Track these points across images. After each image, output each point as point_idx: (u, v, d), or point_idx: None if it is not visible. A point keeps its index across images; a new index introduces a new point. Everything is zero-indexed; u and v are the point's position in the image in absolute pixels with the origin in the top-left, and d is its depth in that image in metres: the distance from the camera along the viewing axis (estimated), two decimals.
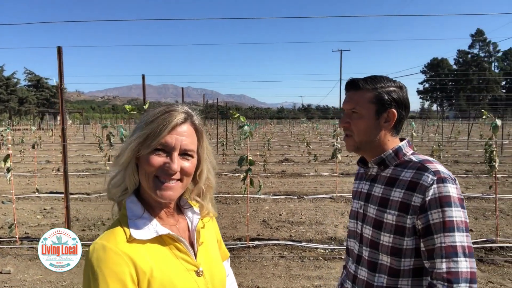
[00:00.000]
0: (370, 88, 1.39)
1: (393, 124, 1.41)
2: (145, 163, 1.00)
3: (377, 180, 1.42)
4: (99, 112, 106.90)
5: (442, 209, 1.24)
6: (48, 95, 67.00)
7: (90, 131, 39.82)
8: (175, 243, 1.05)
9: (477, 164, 13.77)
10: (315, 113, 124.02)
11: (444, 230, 1.23)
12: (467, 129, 27.40)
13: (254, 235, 5.94)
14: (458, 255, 1.21)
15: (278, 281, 4.42)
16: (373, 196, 1.40)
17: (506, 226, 6.37)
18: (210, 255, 1.16)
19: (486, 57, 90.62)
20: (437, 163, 1.34)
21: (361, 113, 1.39)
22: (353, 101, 1.41)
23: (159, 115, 1.02)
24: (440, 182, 1.27)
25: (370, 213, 1.40)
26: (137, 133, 1.01)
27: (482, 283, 4.33)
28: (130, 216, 1.01)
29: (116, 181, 1.05)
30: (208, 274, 1.09)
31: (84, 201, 8.40)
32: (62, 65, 5.10)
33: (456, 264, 1.20)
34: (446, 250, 1.22)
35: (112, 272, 0.91)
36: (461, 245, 1.22)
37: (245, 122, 5.01)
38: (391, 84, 1.41)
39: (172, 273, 1.00)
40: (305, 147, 17.97)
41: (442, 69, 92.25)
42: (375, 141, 1.41)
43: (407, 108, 1.43)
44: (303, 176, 11.52)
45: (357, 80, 1.42)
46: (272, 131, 31.35)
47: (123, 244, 0.96)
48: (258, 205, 7.88)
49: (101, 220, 6.86)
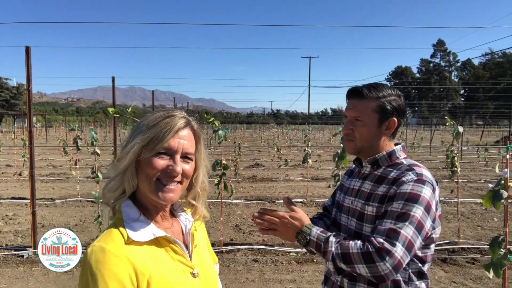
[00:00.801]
0: (373, 98, 1.47)
1: (393, 131, 1.51)
2: (148, 166, 1.02)
3: (368, 178, 1.52)
4: (63, 114, 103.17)
5: (406, 202, 1.33)
6: (8, 96, 64.02)
7: (53, 134, 38.41)
8: (171, 245, 1.07)
9: (439, 169, 14.39)
10: (284, 118, 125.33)
11: (398, 218, 1.31)
12: (429, 136, 28.58)
13: (227, 240, 5.95)
14: (398, 240, 1.27)
15: (252, 286, 4.45)
16: (362, 192, 1.50)
17: (466, 228, 6.71)
18: (203, 257, 1.19)
19: (446, 66, 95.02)
20: (424, 169, 1.44)
21: (365, 121, 1.47)
22: (357, 109, 1.48)
23: (161, 119, 1.04)
24: (418, 182, 1.36)
25: (358, 207, 1.49)
26: (140, 136, 1.03)
27: (445, 283, 4.54)
28: (126, 220, 1.03)
29: (112, 185, 1.05)
30: (202, 276, 1.12)
31: (49, 206, 8.10)
32: (30, 66, 4.95)
33: (392, 246, 1.26)
34: (389, 231, 1.29)
35: (112, 273, 0.92)
36: (405, 235, 1.28)
37: (220, 126, 5.03)
38: (391, 93, 1.50)
39: (170, 274, 1.02)
40: (275, 152, 18.14)
41: (405, 77, 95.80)
42: (375, 145, 1.51)
43: (404, 116, 1.54)
44: (274, 180, 11.63)
45: (361, 89, 1.49)
46: (242, 135, 31.42)
47: (122, 246, 0.97)
48: (230, 210, 7.88)
49: (68, 226, 6.64)
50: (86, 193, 9.38)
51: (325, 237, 1.36)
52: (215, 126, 5.07)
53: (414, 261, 1.40)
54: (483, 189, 10.55)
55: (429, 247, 1.44)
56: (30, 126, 5.00)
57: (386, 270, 1.25)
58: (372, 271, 1.26)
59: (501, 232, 1.96)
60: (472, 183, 11.45)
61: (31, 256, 5.22)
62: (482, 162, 16.72)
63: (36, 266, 4.88)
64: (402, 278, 1.39)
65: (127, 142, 1.05)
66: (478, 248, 5.62)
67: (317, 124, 67.25)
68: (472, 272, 4.86)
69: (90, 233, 6.17)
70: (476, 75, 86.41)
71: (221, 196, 5.63)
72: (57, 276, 4.60)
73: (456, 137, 5.58)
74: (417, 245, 1.31)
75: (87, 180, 11.23)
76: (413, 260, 1.40)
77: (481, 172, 14.23)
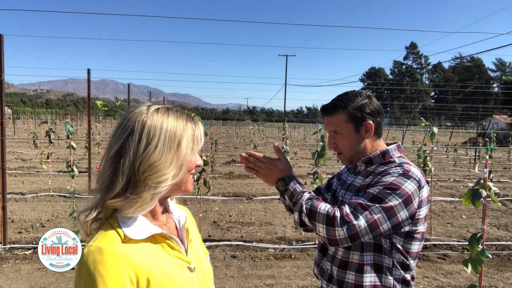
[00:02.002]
0: (343, 109, 1.55)
1: (373, 132, 1.57)
2: (193, 163, 1.10)
3: (360, 174, 1.59)
4: (31, 106, 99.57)
5: (384, 189, 1.39)
6: None
7: (21, 126, 37.02)
8: (167, 241, 1.06)
9: None
10: (260, 115, 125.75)
11: (370, 199, 1.38)
12: (401, 136, 29.36)
13: (205, 236, 5.93)
14: (362, 215, 1.35)
15: (231, 281, 4.46)
16: (353, 186, 1.58)
17: (437, 225, 6.95)
18: (198, 251, 1.20)
19: (418, 68, 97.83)
20: (415, 167, 1.49)
21: (343, 133, 1.56)
22: (332, 124, 1.58)
23: (188, 123, 1.08)
24: (402, 176, 1.42)
25: (346, 199, 1.56)
26: (184, 141, 1.05)
27: (418, 278, 4.70)
28: (120, 218, 1.01)
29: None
30: (199, 270, 1.12)
31: (19, 201, 7.81)
32: (2, 55, 4.75)
33: (355, 218, 1.34)
34: (359, 205, 1.37)
35: (110, 274, 0.91)
36: (371, 214, 1.35)
37: (200, 122, 4.99)
38: (359, 99, 1.56)
39: (168, 270, 1.02)
40: (252, 149, 18.17)
41: (379, 78, 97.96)
42: (361, 151, 1.58)
43: (380, 114, 1.60)
44: (251, 177, 11.64)
45: (330, 105, 1.58)
46: (218, 132, 31.30)
47: (119, 245, 0.96)
48: (207, 206, 7.85)
49: (39, 221, 6.44)
50: (58, 187, 9.11)
51: (301, 190, 1.48)
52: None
53: (396, 251, 1.45)
54: (452, 187, 10.95)
55: (411, 243, 1.47)
56: (2, 118, 4.80)
57: (342, 236, 1.34)
58: (329, 233, 1.36)
59: (470, 228, 2.03)
60: (442, 182, 11.86)
61: (0, 252, 5.03)
62: (451, 162, 17.34)
63: (7, 263, 4.71)
64: (386, 264, 1.45)
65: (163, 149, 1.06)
66: (449, 245, 5.85)
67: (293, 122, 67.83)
68: (443, 267, 5.05)
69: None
70: (445, 78, 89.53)
71: (200, 193, 5.59)
72: (29, 273, 4.45)
73: (431, 138, 5.76)
74: (383, 229, 1.37)
75: (59, 175, 10.91)
76: (395, 250, 1.45)
77: (450, 171, 14.76)
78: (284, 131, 10.10)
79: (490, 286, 4.53)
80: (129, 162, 0.98)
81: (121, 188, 0.98)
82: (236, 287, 4.35)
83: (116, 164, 0.99)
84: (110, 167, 1.00)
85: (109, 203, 0.99)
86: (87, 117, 8.65)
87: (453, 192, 10.21)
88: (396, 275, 1.46)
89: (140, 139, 0.99)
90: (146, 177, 0.98)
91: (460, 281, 4.64)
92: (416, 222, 1.45)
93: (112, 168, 0.99)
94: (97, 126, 22.04)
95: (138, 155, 0.98)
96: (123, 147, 0.99)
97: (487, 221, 4.13)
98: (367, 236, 1.36)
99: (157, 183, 0.99)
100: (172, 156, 1.01)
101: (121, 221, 1.01)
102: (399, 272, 1.46)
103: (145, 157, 0.98)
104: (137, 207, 0.99)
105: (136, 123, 1.00)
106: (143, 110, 1.03)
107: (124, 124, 1.02)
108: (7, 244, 5.20)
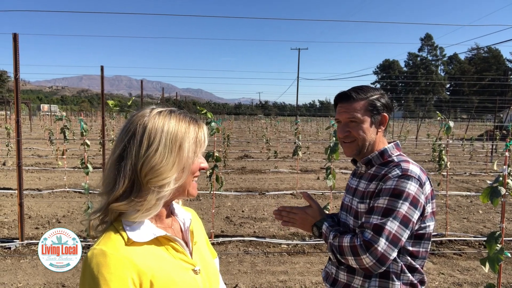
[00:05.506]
0: (363, 98, 1.54)
1: (385, 126, 1.58)
2: (196, 166, 1.08)
3: (363, 177, 1.58)
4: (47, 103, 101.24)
5: (390, 198, 1.38)
6: None
7: (38, 123, 37.70)
8: (172, 244, 1.06)
9: (425, 162, 14.61)
10: (272, 110, 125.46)
11: (382, 214, 1.38)
12: (415, 129, 28.96)
13: (218, 231, 5.94)
14: (381, 235, 1.35)
15: (244, 277, 4.46)
16: (358, 191, 1.56)
17: (453, 221, 6.83)
18: (203, 254, 1.20)
19: (433, 60, 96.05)
20: (413, 164, 1.48)
21: (360, 121, 1.53)
22: (350, 112, 1.55)
23: (191, 126, 1.07)
24: (402, 178, 1.41)
25: (354, 205, 1.55)
26: (186, 144, 1.04)
27: (434, 274, 4.63)
28: (124, 221, 1.01)
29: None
30: (204, 272, 1.12)
31: (35, 197, 7.96)
32: (18, 53, 4.82)
33: (375, 241, 1.34)
34: (374, 226, 1.37)
35: (114, 276, 0.91)
36: (389, 230, 1.35)
37: (212, 118, 4.99)
38: (376, 92, 1.58)
39: (172, 272, 1.02)
40: (264, 143, 18.16)
41: (393, 71, 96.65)
42: (372, 143, 1.57)
43: (392, 110, 1.62)
44: (263, 172, 11.64)
45: (349, 92, 1.56)
46: (230, 127, 31.36)
47: (123, 248, 0.96)
48: (220, 202, 7.87)
49: (56, 217, 6.55)
50: (73, 183, 9.25)
51: (330, 230, 1.51)
52: (207, 118, 5.02)
53: (404, 254, 1.45)
54: (468, 181, 10.76)
55: (420, 242, 1.47)
56: (18, 116, 4.88)
57: (370, 263, 1.34)
58: (358, 263, 1.37)
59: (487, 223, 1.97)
60: (458, 176, 11.66)
61: (18, 248, 5.14)
62: (467, 155, 17.04)
63: (24, 259, 4.81)
64: (394, 269, 1.44)
65: (167, 151, 1.06)
66: (465, 240, 5.74)
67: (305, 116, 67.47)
68: (459, 263, 4.96)
69: (79, 225, 6.09)
70: (462, 70, 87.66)
71: (213, 188, 5.60)
72: (46, 269, 4.52)
73: (447, 132, 5.64)
74: (404, 238, 1.38)
75: (74, 171, 11.07)
76: (403, 254, 1.44)
77: (466, 165, 14.50)
78: (296, 125, 10.04)
79: (508, 283, 4.45)
80: (131, 165, 0.98)
81: (124, 191, 0.98)
82: (249, 283, 4.35)
83: (119, 167, 0.99)
84: (114, 170, 1.00)
85: (113, 206, 0.98)
86: (101, 113, 8.74)
87: (469, 186, 10.03)
88: (404, 280, 1.45)
89: (141, 142, 0.99)
90: (148, 180, 0.98)
91: (477, 278, 4.55)
92: (423, 219, 1.46)
93: (116, 171, 0.99)
94: (111, 122, 22.29)
95: (139, 158, 0.98)
96: (125, 150, 0.99)
97: (505, 216, 3.98)
98: (394, 253, 1.36)
99: (159, 187, 0.99)
100: (174, 159, 1.01)
101: (125, 224, 1.01)
102: (407, 277, 1.45)
103: (146, 160, 0.98)
104: (143, 212, 0.99)
105: (138, 126, 1.00)
106: (145, 113, 1.03)
107: (127, 127, 1.02)
108: (24, 240, 5.30)
